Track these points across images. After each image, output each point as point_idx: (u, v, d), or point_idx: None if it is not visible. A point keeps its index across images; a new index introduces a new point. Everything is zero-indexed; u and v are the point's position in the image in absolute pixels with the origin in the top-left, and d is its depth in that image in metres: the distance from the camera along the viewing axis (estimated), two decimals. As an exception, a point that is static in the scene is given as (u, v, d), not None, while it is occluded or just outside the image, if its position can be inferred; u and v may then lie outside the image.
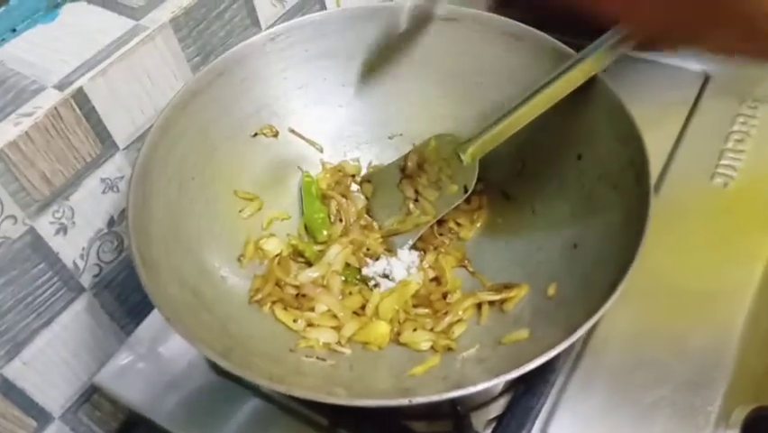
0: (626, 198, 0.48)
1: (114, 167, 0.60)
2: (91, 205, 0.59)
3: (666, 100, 0.68)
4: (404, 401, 0.38)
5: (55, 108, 0.53)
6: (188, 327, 0.43)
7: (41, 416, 0.62)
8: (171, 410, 0.56)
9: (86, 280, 0.61)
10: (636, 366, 0.52)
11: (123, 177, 0.61)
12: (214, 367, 0.57)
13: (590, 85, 0.51)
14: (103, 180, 0.59)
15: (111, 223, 0.62)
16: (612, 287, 0.41)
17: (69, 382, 0.64)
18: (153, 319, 0.61)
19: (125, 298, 0.66)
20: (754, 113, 0.65)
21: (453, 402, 0.49)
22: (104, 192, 0.60)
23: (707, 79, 0.70)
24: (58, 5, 0.61)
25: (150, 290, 0.43)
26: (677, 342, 0.52)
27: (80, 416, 0.66)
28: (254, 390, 0.55)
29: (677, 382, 0.50)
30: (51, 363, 0.61)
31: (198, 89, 0.54)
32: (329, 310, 0.51)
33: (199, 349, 0.42)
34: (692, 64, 0.71)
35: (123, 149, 0.60)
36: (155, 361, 0.59)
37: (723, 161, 0.62)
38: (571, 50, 0.53)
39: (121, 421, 0.70)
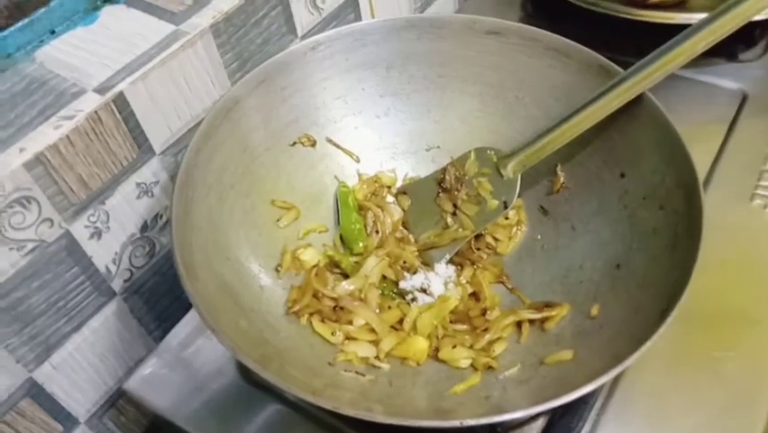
0: (674, 220, 0.47)
1: (150, 172, 0.59)
2: (125, 209, 0.59)
3: (703, 119, 0.68)
4: (455, 423, 0.37)
5: (95, 112, 0.53)
6: (228, 335, 0.43)
7: (68, 420, 0.62)
8: (201, 417, 0.55)
9: (116, 285, 0.61)
10: (675, 389, 0.51)
11: (158, 182, 0.61)
12: (246, 376, 0.57)
13: (637, 102, 0.51)
14: (138, 185, 0.59)
15: (144, 228, 0.61)
16: (663, 315, 0.40)
17: (96, 386, 0.63)
18: (183, 327, 0.61)
19: (154, 303, 0.66)
20: (793, 133, 0.65)
21: (492, 424, 0.48)
22: (138, 197, 0.60)
23: (744, 98, 0.69)
24: (97, 8, 0.60)
25: (193, 297, 0.43)
26: (716, 366, 0.52)
27: (105, 421, 0.66)
28: (285, 399, 0.54)
29: (716, 407, 0.50)
30: (80, 368, 0.61)
31: (240, 96, 0.54)
32: (367, 324, 0.51)
33: (238, 357, 0.42)
34: (730, 82, 0.70)
35: (159, 154, 0.60)
36: (185, 368, 0.58)
37: (763, 182, 0.62)
38: (618, 68, 0.52)
39: (144, 427, 0.69)
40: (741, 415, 0.49)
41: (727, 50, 0.72)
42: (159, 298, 0.66)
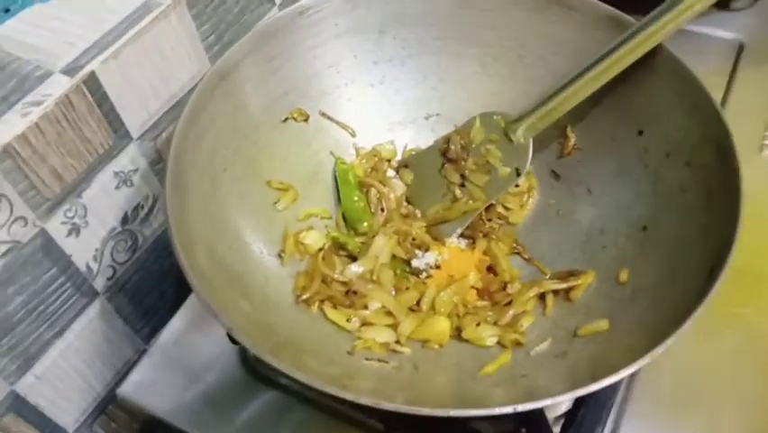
0: (703, 175, 0.45)
1: (128, 159, 0.55)
2: (104, 201, 0.54)
3: (702, 71, 0.65)
4: (507, 409, 0.34)
5: (66, 96, 0.48)
6: (240, 328, 0.40)
7: (56, 432, 0.57)
8: (202, 417, 0.52)
9: (99, 284, 0.56)
10: (703, 352, 0.49)
11: (136, 169, 0.56)
12: (248, 369, 0.53)
13: (653, 55, 0.48)
14: (116, 174, 0.54)
15: (125, 220, 0.57)
16: (711, 274, 0.38)
17: (84, 393, 0.59)
18: (174, 324, 0.57)
19: (140, 300, 0.62)
20: (795, 80, 0.63)
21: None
22: (117, 187, 0.55)
23: (741, 48, 0.67)
24: (56, -19, 0.55)
25: (200, 292, 0.39)
26: (741, 325, 0.50)
27: (95, 429, 0.62)
28: (288, 389, 0.51)
29: (746, 368, 0.48)
30: (65, 376, 0.57)
31: (227, 71, 0.49)
32: (383, 307, 0.48)
33: (250, 348, 0.39)
34: (724, 32, 0.69)
35: (137, 139, 0.55)
36: (180, 367, 0.55)
37: (771, 132, 0.60)
38: (630, 18, 0.49)
39: (136, 431, 0.65)
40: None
41: (720, -2, 0.70)
42: (144, 294, 0.62)
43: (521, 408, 0.36)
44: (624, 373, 0.36)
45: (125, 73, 0.52)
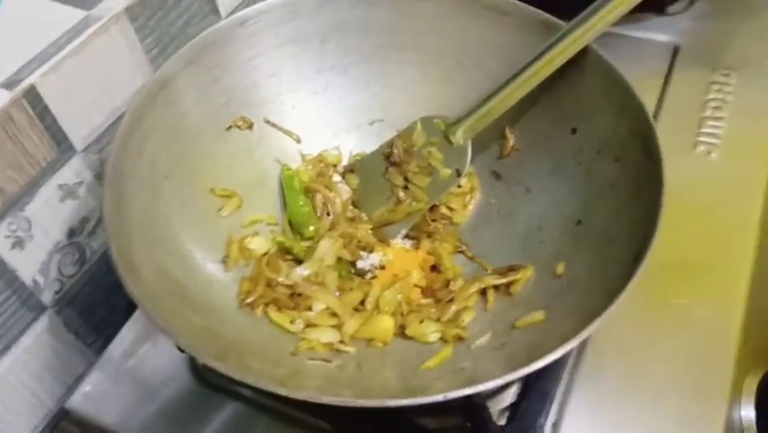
0: (632, 169, 0.46)
1: (72, 172, 0.55)
2: (48, 215, 0.54)
3: (638, 74, 0.67)
4: (438, 398, 0.35)
5: (5, 110, 0.48)
6: (181, 333, 0.40)
7: (5, 450, 0.57)
8: (154, 428, 0.52)
9: (46, 298, 0.56)
10: (644, 341, 0.51)
11: (82, 182, 0.56)
12: (199, 378, 0.53)
13: (582, 56, 0.50)
14: (60, 187, 0.54)
15: (71, 234, 0.57)
16: (635, 262, 0.39)
17: (34, 409, 0.59)
18: (125, 335, 0.57)
19: (90, 314, 0.61)
20: (727, 80, 0.66)
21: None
22: (61, 200, 0.55)
23: (676, 50, 0.70)
24: (-6, -5, 0.55)
25: (138, 297, 0.39)
26: (682, 315, 0.52)
27: (48, 446, 0.61)
28: (243, 397, 0.51)
29: (687, 357, 0.49)
30: (13, 391, 0.56)
31: (166, 80, 0.50)
32: (328, 308, 0.48)
33: (194, 354, 0.40)
34: (660, 36, 0.71)
35: (81, 151, 0.55)
36: (131, 378, 0.55)
37: (704, 129, 0.62)
38: (560, 22, 0.51)
39: (91, 448, 0.64)
40: (711, 360, 0.49)
41: (656, 3, 0.72)
42: (95, 308, 0.61)
43: (458, 393, 0.36)
44: (555, 356, 0.37)
45: (67, 86, 0.52)
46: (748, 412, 0.51)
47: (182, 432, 0.51)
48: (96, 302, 0.61)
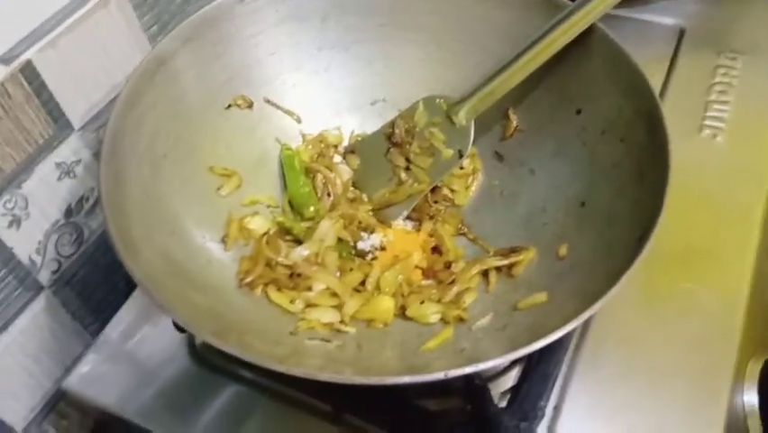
0: (636, 150, 0.46)
1: (70, 150, 0.54)
2: (45, 193, 0.54)
3: (644, 57, 0.66)
4: (439, 375, 0.35)
5: (1, 84, 0.47)
6: (180, 311, 0.40)
7: (2, 431, 0.56)
8: (153, 408, 0.51)
9: (44, 278, 0.56)
10: (646, 326, 0.50)
11: (79, 160, 0.55)
12: (198, 359, 0.53)
13: (587, 35, 0.49)
14: (58, 165, 0.54)
15: (69, 213, 0.56)
16: (638, 244, 0.39)
17: (32, 390, 0.58)
18: (123, 316, 0.56)
19: (88, 295, 0.61)
20: (733, 64, 0.65)
21: (469, 375, 0.46)
22: (59, 179, 0.54)
23: (682, 33, 0.69)
24: (-11, -30, 0.54)
25: (137, 274, 0.38)
26: (685, 300, 0.51)
27: (45, 427, 0.61)
28: (242, 378, 0.51)
29: (690, 341, 0.49)
30: (10, 372, 0.56)
31: (165, 57, 0.49)
32: (328, 288, 0.48)
33: (194, 332, 0.40)
34: (666, 18, 0.70)
35: (79, 129, 0.54)
36: (129, 359, 0.54)
37: (709, 113, 0.62)
38: (565, 0, 0.50)
39: (89, 429, 0.64)
40: (714, 345, 0.49)
41: (661, -15, 0.71)
42: (93, 289, 0.61)
43: (460, 371, 0.36)
44: (557, 335, 0.36)
45: (64, 62, 0.51)
46: (751, 397, 0.51)
47: (180, 413, 0.51)
48: (95, 283, 0.61)
